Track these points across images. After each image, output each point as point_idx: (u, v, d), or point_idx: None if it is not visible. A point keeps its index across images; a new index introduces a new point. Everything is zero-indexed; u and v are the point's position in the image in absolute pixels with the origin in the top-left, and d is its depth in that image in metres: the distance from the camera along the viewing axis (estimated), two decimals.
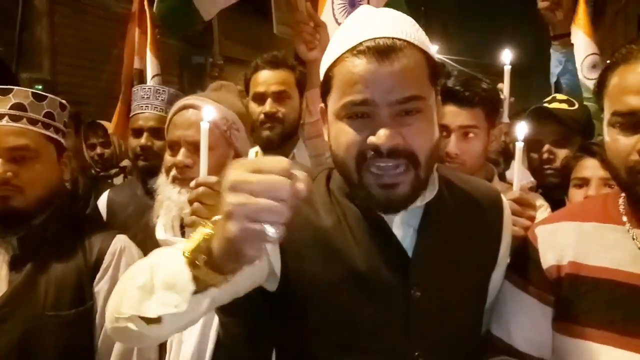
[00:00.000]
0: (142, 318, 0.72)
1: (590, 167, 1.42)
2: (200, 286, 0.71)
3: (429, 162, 0.88)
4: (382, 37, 0.83)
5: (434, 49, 2.14)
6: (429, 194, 0.94)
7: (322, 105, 0.95)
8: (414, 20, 0.91)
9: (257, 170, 0.62)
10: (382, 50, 0.82)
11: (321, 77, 0.92)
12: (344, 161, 0.88)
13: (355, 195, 0.91)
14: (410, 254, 0.92)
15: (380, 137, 0.82)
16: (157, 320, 0.72)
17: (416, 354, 0.90)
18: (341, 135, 0.87)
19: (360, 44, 0.84)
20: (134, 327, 0.74)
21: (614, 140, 0.92)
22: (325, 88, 0.91)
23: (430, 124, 0.89)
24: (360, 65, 0.83)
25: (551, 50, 2.04)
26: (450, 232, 0.96)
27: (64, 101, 1.38)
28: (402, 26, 0.87)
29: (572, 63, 1.99)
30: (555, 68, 2.02)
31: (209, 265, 0.68)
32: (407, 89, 0.84)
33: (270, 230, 0.60)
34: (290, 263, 0.89)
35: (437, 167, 0.99)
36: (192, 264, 0.69)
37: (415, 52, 0.85)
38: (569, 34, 1.99)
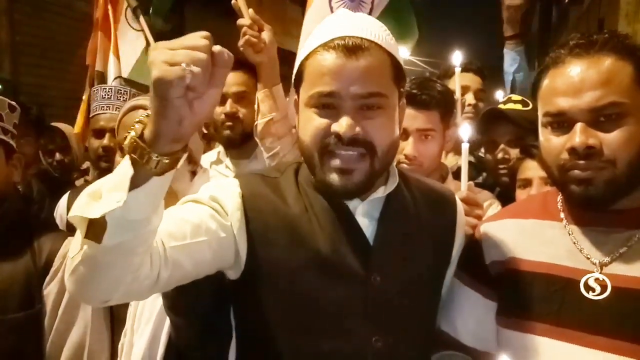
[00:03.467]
0: (91, 236, 0.70)
1: (531, 168, 1.47)
2: (140, 172, 0.70)
3: (385, 156, 0.94)
4: (351, 36, 0.91)
5: (405, 50, 2.19)
6: (390, 186, 1.00)
7: (296, 97, 1.00)
8: (384, 26, 0.98)
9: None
10: (350, 48, 0.89)
11: (295, 70, 0.99)
12: (309, 146, 0.94)
13: (316, 180, 0.96)
14: (371, 242, 0.97)
15: (342, 125, 0.89)
16: (101, 230, 0.69)
17: (374, 338, 0.94)
18: (308, 122, 0.93)
19: (332, 40, 0.91)
20: (84, 253, 0.71)
21: (547, 139, 0.96)
22: (298, 79, 0.98)
23: (391, 121, 0.94)
24: (329, 59, 0.90)
25: (505, 50, 2.12)
26: (409, 224, 1.02)
27: (13, 102, 1.35)
28: (372, 28, 0.93)
29: (525, 61, 2.10)
30: (510, 67, 2.10)
31: (143, 140, 0.69)
32: (370, 85, 0.90)
33: (187, 69, 0.64)
34: (256, 247, 0.93)
35: (397, 165, 1.05)
36: (130, 147, 0.70)
37: (381, 53, 0.92)
38: (520, 34, 2.09)
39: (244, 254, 0.93)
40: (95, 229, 0.70)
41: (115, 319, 1.32)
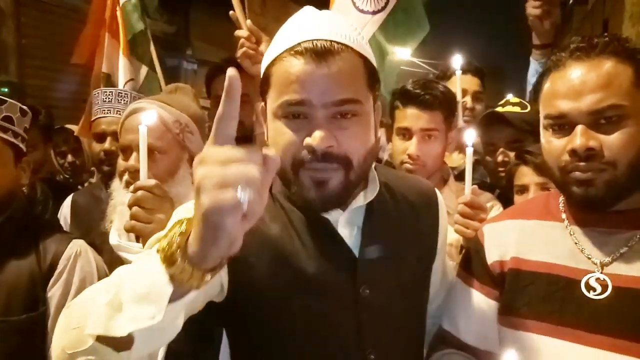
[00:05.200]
0: (109, 342, 0.64)
1: (527, 175, 1.47)
2: (178, 288, 0.63)
3: (362, 166, 0.89)
4: (320, 39, 0.84)
5: (407, 51, 2.16)
6: (371, 194, 0.95)
7: (262, 104, 0.95)
8: (355, 25, 0.92)
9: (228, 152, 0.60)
10: (320, 52, 0.83)
11: (261, 76, 0.93)
12: (281, 162, 0.88)
13: (291, 193, 0.91)
14: (356, 253, 0.93)
15: (316, 138, 0.83)
16: (128, 342, 0.63)
17: (368, 351, 0.91)
18: (278, 136, 0.87)
19: (299, 44, 0.84)
20: (98, 357, 0.65)
21: (548, 142, 0.96)
22: (264, 86, 0.91)
23: (366, 129, 0.89)
24: (297, 65, 0.83)
25: (531, 59, 2.03)
26: (392, 229, 0.98)
27: (25, 107, 1.37)
28: (342, 29, 0.87)
29: None
30: (532, 77, 2.03)
31: (187, 260, 0.62)
32: (343, 92, 0.84)
33: (243, 194, 0.56)
34: (237, 272, 0.87)
35: (375, 167, 1.01)
36: (169, 260, 0.63)
37: (353, 56, 0.86)
38: (550, 44, 1.98)
39: (225, 281, 0.87)
40: (115, 339, 0.64)
41: None
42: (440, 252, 1.08)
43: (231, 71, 0.61)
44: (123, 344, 0.64)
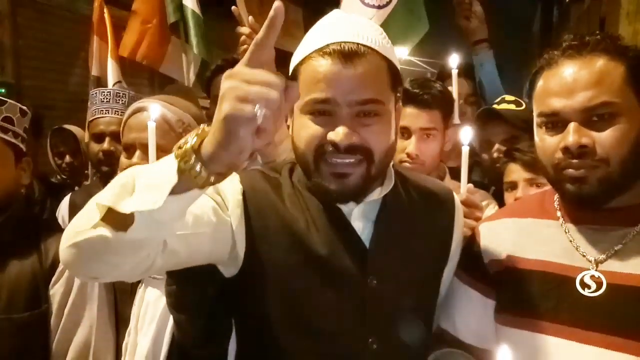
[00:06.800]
0: (111, 221, 0.69)
1: (515, 171, 1.50)
2: (184, 182, 0.69)
3: (382, 161, 0.93)
4: (347, 42, 0.89)
5: (404, 50, 2.20)
6: (386, 188, 0.99)
7: None
8: (381, 29, 0.97)
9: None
10: (347, 54, 0.88)
11: (289, 74, 0.97)
12: (304, 153, 0.93)
13: (312, 184, 0.96)
14: (367, 244, 0.97)
15: (339, 134, 0.88)
16: (127, 223, 0.68)
17: (370, 339, 0.94)
18: (303, 129, 0.93)
19: (327, 45, 0.90)
20: (98, 233, 0.69)
21: (542, 139, 0.97)
22: None
23: (388, 128, 0.94)
24: (325, 65, 0.89)
25: (472, 56, 2.17)
26: (405, 225, 1.01)
27: (24, 107, 1.38)
28: (368, 33, 0.92)
29: (491, 64, 2.14)
30: (480, 69, 2.15)
31: (198, 159, 0.68)
32: (367, 92, 0.89)
33: (259, 112, 0.64)
34: (255, 245, 0.93)
35: (394, 165, 1.04)
36: (182, 156, 0.69)
37: (377, 59, 0.91)
38: (485, 40, 2.15)
39: (242, 250, 0.92)
40: (119, 218, 0.69)
41: (119, 318, 1.34)
42: (453, 257, 1.09)
43: (279, 2, 0.67)
44: (123, 223, 0.69)
